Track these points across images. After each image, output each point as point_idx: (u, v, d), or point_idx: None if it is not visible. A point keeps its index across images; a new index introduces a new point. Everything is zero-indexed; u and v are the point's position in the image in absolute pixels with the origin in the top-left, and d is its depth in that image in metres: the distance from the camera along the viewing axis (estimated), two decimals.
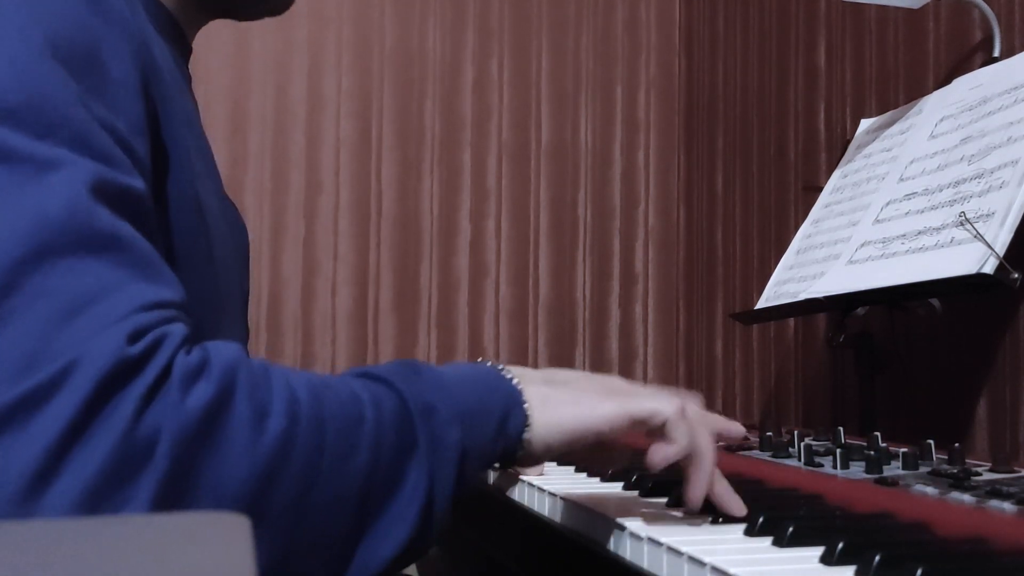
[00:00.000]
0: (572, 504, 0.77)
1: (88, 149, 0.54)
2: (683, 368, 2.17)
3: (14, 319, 0.48)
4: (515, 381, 0.65)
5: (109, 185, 0.54)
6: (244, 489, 0.51)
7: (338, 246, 2.02)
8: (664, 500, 0.75)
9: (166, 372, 0.50)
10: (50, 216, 0.50)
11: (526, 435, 0.64)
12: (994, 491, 0.68)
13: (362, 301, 2.03)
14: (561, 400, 0.66)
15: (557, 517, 0.80)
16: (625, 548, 0.67)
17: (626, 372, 2.16)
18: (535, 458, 0.67)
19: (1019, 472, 0.81)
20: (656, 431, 0.66)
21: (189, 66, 0.88)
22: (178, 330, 0.52)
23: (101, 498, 0.47)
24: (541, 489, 0.84)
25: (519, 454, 0.65)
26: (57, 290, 0.49)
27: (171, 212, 0.65)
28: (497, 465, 0.67)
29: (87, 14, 0.59)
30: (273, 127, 2.01)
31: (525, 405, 0.64)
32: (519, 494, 0.89)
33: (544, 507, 0.83)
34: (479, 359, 0.71)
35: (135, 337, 0.50)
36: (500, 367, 0.67)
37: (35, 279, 0.49)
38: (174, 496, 0.49)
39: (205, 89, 1.96)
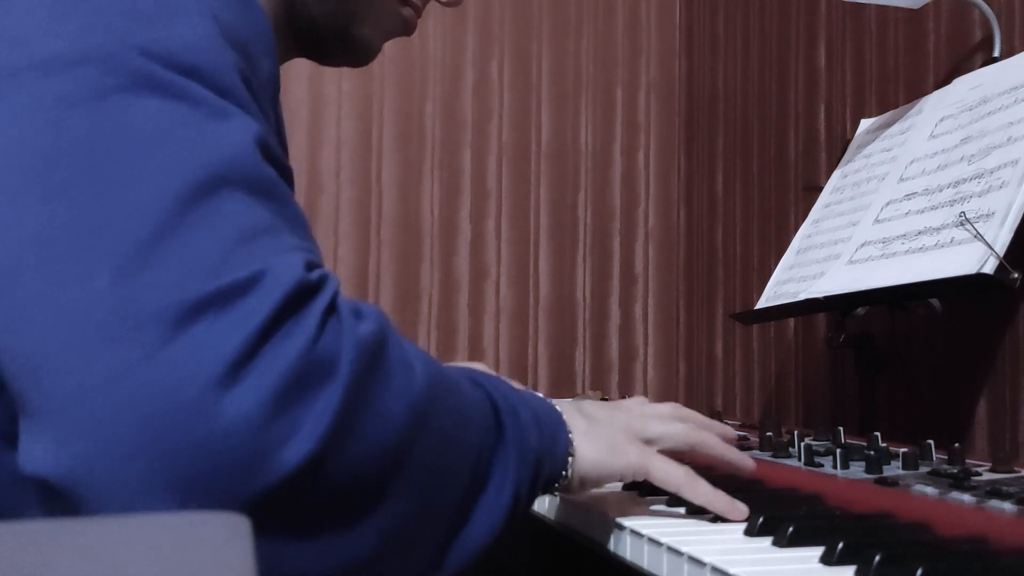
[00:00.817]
0: (571, 503, 0.77)
1: (251, 116, 0.56)
2: (683, 368, 2.17)
3: (200, 227, 0.49)
4: (558, 408, 0.68)
5: (271, 149, 0.56)
6: (401, 426, 0.52)
7: (338, 247, 2.03)
8: (664, 499, 0.75)
9: (334, 304, 0.52)
10: (227, 153, 0.52)
11: (569, 465, 0.66)
12: (994, 491, 0.68)
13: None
14: (600, 437, 0.68)
15: (556, 516, 0.80)
16: (625, 548, 0.67)
17: (626, 372, 2.16)
18: (568, 489, 0.68)
19: (1019, 472, 0.81)
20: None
21: None
22: (335, 278, 0.54)
23: (288, 399, 0.47)
24: None
25: (562, 482, 0.66)
26: (236, 214, 0.51)
27: None
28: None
29: (245, 17, 0.62)
30: None
31: (570, 434, 0.66)
32: None
33: (544, 506, 0.83)
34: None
35: (309, 267, 0.52)
36: (540, 393, 0.69)
37: (214, 202, 0.50)
38: (350, 413, 0.49)
39: None
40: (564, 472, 0.66)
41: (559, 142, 2.17)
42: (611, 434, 0.69)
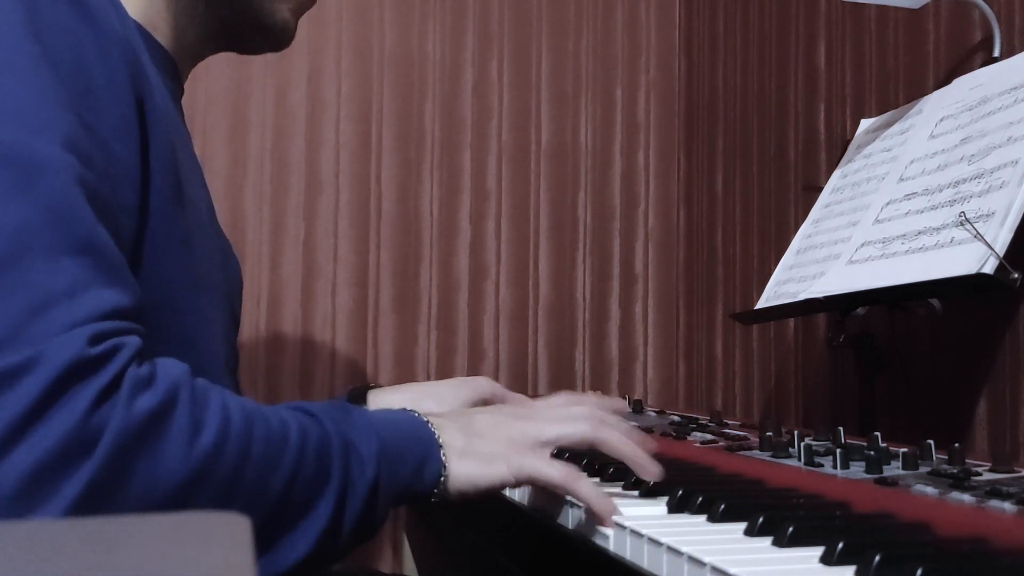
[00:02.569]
0: (572, 504, 0.77)
1: (75, 150, 0.60)
2: (683, 368, 2.17)
3: None
4: (436, 433, 0.74)
5: (89, 187, 0.60)
6: (173, 491, 0.57)
7: (338, 248, 2.02)
8: (664, 500, 0.75)
9: (119, 377, 0.56)
10: (35, 217, 0.56)
11: (442, 482, 0.73)
12: (994, 491, 0.68)
13: (362, 302, 2.03)
14: (476, 454, 0.74)
15: (556, 517, 0.80)
16: (624, 548, 0.67)
17: (626, 372, 2.16)
18: (449, 502, 0.75)
19: (1019, 472, 0.81)
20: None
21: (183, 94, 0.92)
22: (133, 342, 0.58)
23: (42, 478, 0.52)
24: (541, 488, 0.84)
25: (433, 498, 0.74)
26: (33, 285, 0.55)
27: (150, 194, 0.70)
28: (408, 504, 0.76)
29: (75, 22, 0.64)
30: (273, 129, 2.01)
31: (442, 455, 0.73)
32: (518, 494, 0.89)
33: (543, 507, 0.83)
34: (405, 409, 0.79)
35: (96, 340, 0.56)
36: (424, 418, 0.75)
37: (15, 273, 0.54)
38: (102, 489, 0.54)
39: (205, 91, 1.96)
40: (436, 489, 0.73)
41: (559, 142, 2.17)
42: (491, 447, 0.75)
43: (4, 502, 0.52)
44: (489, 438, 0.76)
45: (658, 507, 0.74)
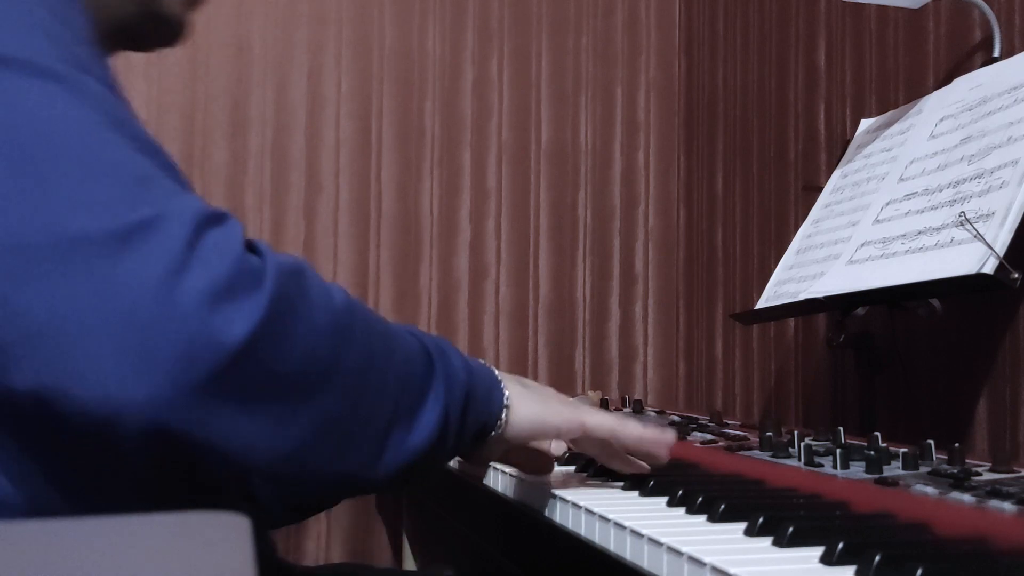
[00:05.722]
0: (571, 504, 0.77)
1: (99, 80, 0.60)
2: (683, 368, 2.17)
3: (93, 177, 0.54)
4: (496, 373, 0.77)
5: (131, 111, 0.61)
6: (325, 334, 0.58)
7: (338, 247, 2.02)
8: (664, 500, 0.75)
9: (248, 239, 0.57)
10: (100, 119, 0.56)
11: (504, 415, 0.75)
12: (994, 491, 0.68)
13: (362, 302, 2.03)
14: (533, 398, 0.79)
15: (556, 517, 0.80)
16: (625, 548, 0.67)
17: (626, 372, 2.16)
18: (501, 442, 0.77)
19: (1019, 472, 0.81)
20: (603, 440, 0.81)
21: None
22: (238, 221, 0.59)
23: (226, 298, 0.53)
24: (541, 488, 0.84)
25: (495, 432, 0.75)
26: (126, 163, 0.55)
27: None
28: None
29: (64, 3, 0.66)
30: (273, 127, 2.01)
31: (504, 388, 0.76)
32: (518, 492, 0.89)
33: (543, 506, 0.83)
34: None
35: (207, 206, 0.56)
36: (483, 361, 0.78)
37: (104, 156, 0.55)
38: (278, 316, 0.55)
39: (206, 89, 1.96)
40: (499, 420, 0.75)
41: (559, 141, 2.17)
42: (545, 397, 0.80)
43: (193, 320, 0.52)
44: (543, 393, 0.81)
45: (658, 507, 0.74)
